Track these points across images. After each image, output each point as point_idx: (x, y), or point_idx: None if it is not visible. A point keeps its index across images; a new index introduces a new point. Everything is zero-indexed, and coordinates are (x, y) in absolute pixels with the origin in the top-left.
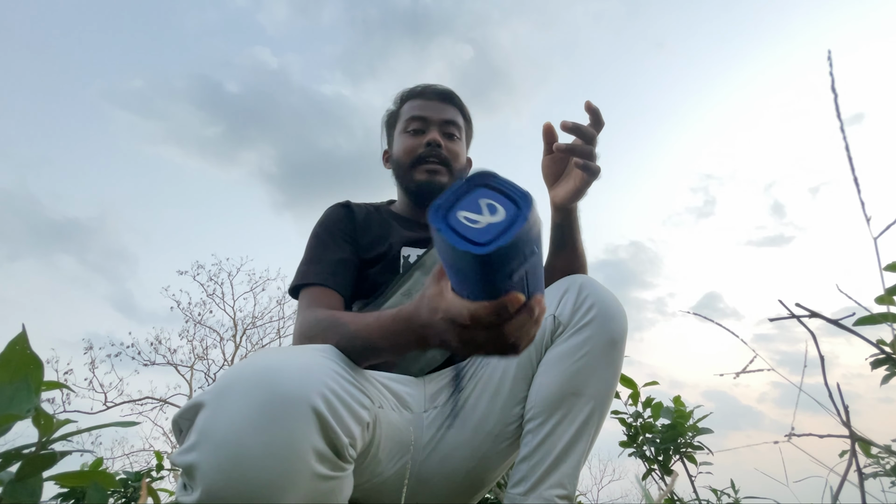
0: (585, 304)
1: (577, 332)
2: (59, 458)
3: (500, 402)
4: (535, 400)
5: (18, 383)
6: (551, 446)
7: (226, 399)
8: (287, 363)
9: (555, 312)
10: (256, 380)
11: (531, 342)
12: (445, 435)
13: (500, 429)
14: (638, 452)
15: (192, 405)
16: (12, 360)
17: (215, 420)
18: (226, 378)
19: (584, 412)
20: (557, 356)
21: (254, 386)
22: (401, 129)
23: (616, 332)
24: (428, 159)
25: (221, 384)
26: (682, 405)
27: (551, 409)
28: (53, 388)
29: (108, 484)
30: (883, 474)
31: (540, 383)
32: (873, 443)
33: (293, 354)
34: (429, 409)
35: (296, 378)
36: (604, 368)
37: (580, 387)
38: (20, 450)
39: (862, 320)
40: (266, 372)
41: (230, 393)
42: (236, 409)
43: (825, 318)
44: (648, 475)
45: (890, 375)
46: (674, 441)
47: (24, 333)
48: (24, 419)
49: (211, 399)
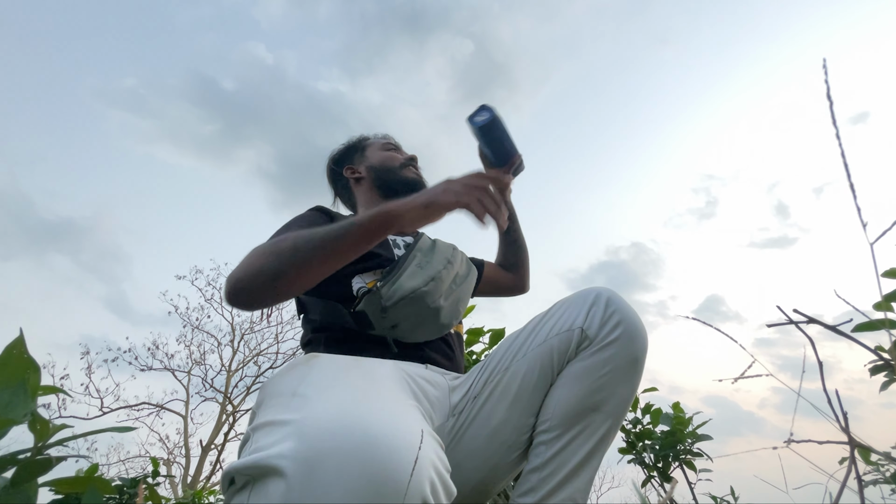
0: (613, 321)
1: (602, 348)
2: (55, 463)
3: (517, 410)
4: (552, 412)
5: (15, 388)
6: (565, 459)
7: (318, 476)
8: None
9: (583, 325)
10: (359, 457)
11: (491, 213)
12: (460, 443)
13: (514, 438)
14: (637, 459)
15: (260, 464)
16: (9, 363)
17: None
18: (314, 444)
19: (603, 429)
20: (582, 370)
21: (357, 466)
22: (379, 147)
23: (639, 352)
24: (410, 166)
25: (309, 453)
26: (682, 411)
27: (570, 423)
28: (50, 392)
29: (104, 490)
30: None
31: (559, 396)
32: (873, 449)
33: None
34: (450, 419)
35: (407, 461)
36: (624, 386)
37: (600, 403)
38: (16, 455)
39: (860, 326)
40: (372, 449)
41: (324, 469)
42: (333, 494)
43: (823, 324)
44: (648, 482)
45: (889, 382)
46: (673, 448)
47: (22, 337)
48: (21, 424)
49: (295, 471)
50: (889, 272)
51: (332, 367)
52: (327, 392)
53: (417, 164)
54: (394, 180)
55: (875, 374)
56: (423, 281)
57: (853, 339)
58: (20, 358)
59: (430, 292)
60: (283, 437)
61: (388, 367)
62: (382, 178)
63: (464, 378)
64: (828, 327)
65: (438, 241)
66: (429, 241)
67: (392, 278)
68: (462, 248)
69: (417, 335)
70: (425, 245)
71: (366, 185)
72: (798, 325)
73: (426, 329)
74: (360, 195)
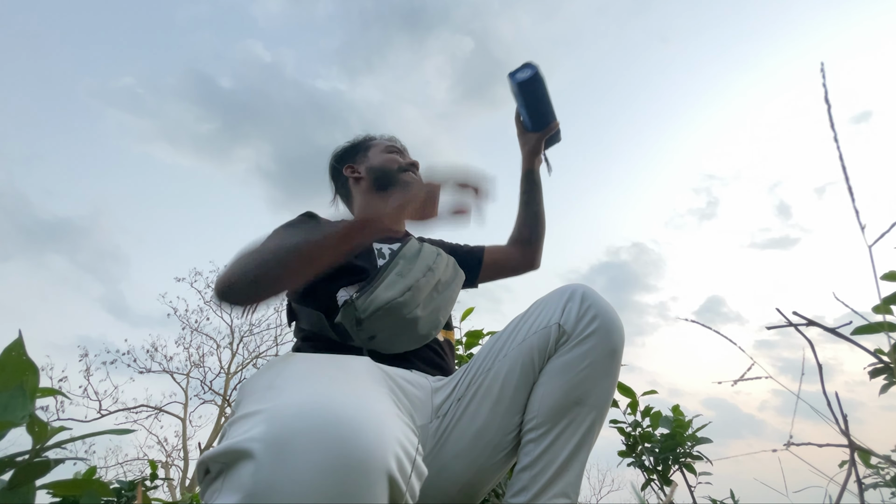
0: (588, 315)
1: (580, 342)
2: (53, 466)
3: (501, 410)
4: (537, 409)
5: (14, 389)
6: (554, 455)
7: (286, 455)
8: (359, 412)
9: (559, 321)
10: (325, 435)
11: None
12: (446, 444)
13: (500, 438)
14: (637, 462)
15: (230, 450)
16: (8, 365)
17: (270, 481)
18: (283, 426)
19: (587, 421)
20: (562, 365)
21: (323, 444)
22: (382, 149)
23: (616, 343)
24: (410, 170)
25: (278, 434)
26: (681, 414)
27: (555, 419)
28: (48, 394)
29: (102, 493)
30: (883, 485)
31: (543, 392)
32: (873, 452)
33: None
34: (433, 420)
35: (372, 436)
36: (604, 378)
37: (583, 396)
38: (13, 457)
39: (860, 329)
40: (337, 426)
41: (292, 449)
42: (300, 472)
43: (823, 326)
44: (647, 485)
45: (888, 385)
46: (673, 451)
47: (21, 339)
48: (19, 426)
49: (264, 452)
50: (888, 275)
51: (307, 362)
52: (300, 382)
53: (418, 170)
54: (390, 183)
55: (875, 377)
56: (400, 291)
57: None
58: (19, 360)
59: (405, 303)
60: (254, 425)
61: (365, 364)
62: (380, 181)
63: (448, 380)
64: (827, 330)
65: (425, 245)
66: (415, 246)
67: (369, 290)
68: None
69: (396, 346)
70: (410, 251)
71: (364, 185)
72: (797, 328)
73: (404, 340)
74: (358, 195)
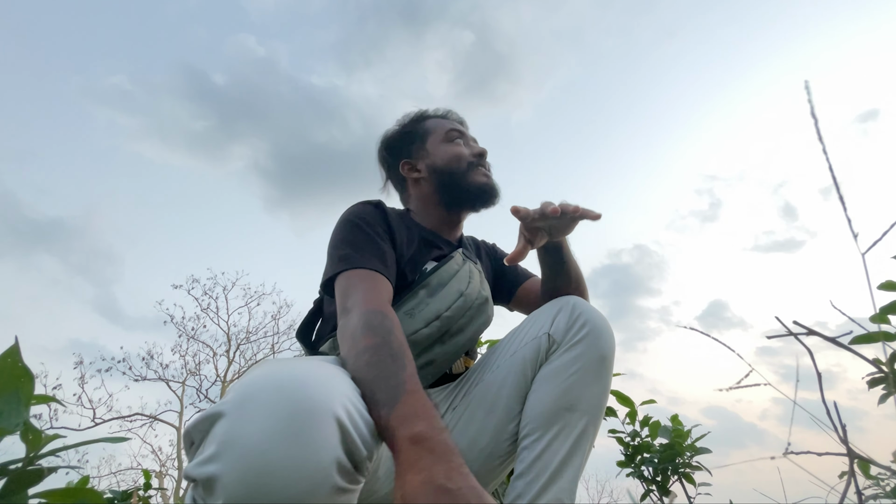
0: (578, 322)
1: (570, 348)
2: (46, 474)
3: (494, 419)
4: (530, 416)
5: (8, 396)
6: (548, 461)
7: (248, 409)
8: (308, 374)
9: (549, 330)
10: (280, 390)
11: None
12: None
13: (493, 447)
14: (636, 472)
15: (208, 415)
16: (3, 372)
17: (238, 430)
18: (245, 388)
19: (579, 427)
20: (552, 372)
21: (277, 396)
22: (441, 140)
23: (606, 349)
24: (479, 166)
25: (241, 394)
26: (681, 424)
27: (547, 425)
28: (43, 402)
29: (95, 502)
30: (883, 496)
31: (535, 399)
32: (873, 461)
33: (311, 366)
34: None
35: (320, 389)
36: (595, 383)
37: (574, 402)
38: (6, 465)
39: (858, 339)
40: (289, 382)
41: (252, 403)
42: (260, 419)
43: (822, 335)
44: (647, 496)
45: (887, 395)
46: (672, 461)
47: (17, 345)
48: (13, 434)
49: (231, 409)
50: (885, 284)
51: (285, 357)
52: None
53: (485, 159)
54: (460, 187)
55: (873, 386)
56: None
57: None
58: (14, 366)
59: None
60: (227, 395)
61: None
62: (446, 185)
63: (444, 390)
64: (827, 339)
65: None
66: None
67: None
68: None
69: None
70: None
71: (426, 187)
72: (797, 337)
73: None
74: (418, 195)
